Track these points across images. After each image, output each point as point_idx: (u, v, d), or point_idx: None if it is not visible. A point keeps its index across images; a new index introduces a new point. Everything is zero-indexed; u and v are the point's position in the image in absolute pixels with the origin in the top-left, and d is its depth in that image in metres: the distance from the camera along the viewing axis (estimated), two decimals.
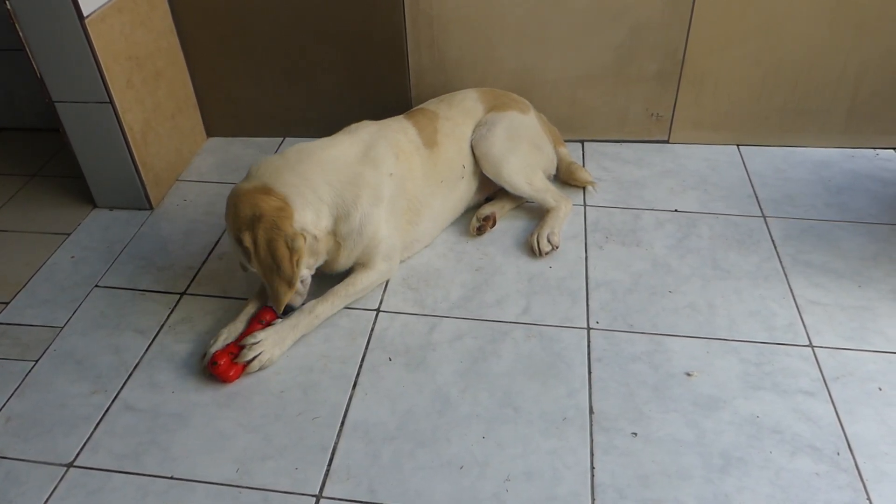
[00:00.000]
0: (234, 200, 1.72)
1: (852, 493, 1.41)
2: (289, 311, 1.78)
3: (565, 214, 2.13)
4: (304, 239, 1.70)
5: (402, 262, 2.01)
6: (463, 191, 2.14)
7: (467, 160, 2.12)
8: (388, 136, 1.94)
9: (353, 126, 1.99)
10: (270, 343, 1.73)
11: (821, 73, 2.33)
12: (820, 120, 2.43)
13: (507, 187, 2.12)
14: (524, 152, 2.13)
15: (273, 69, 2.51)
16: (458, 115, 2.13)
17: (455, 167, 2.09)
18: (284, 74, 2.51)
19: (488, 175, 2.12)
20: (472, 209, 2.19)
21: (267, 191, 1.70)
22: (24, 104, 2.79)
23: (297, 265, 1.68)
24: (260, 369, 1.72)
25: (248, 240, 1.66)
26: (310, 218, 1.73)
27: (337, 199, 1.78)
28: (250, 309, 1.84)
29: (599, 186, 2.31)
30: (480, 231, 2.12)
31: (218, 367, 1.67)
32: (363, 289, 1.88)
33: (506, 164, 2.09)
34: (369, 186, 1.82)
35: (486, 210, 2.15)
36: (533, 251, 2.04)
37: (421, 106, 2.19)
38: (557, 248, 2.04)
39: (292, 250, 1.66)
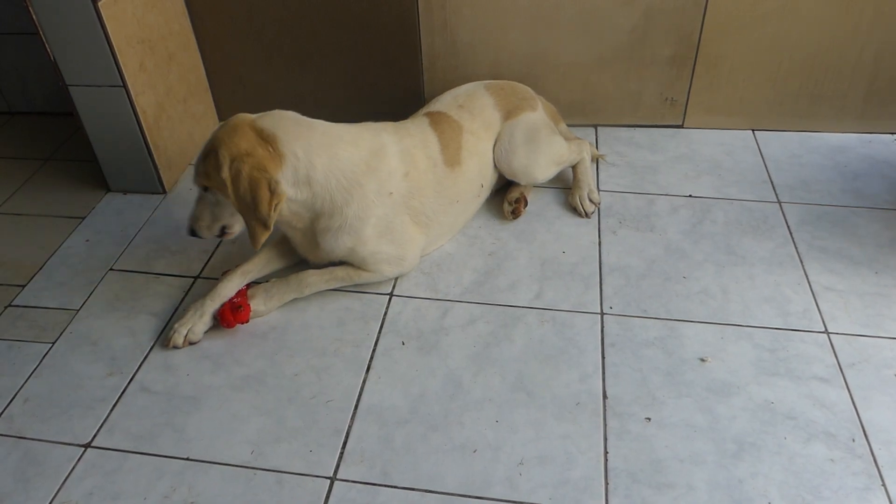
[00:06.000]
0: (237, 127, 1.67)
1: (867, 478, 1.41)
2: (195, 235, 1.82)
3: (590, 163, 2.26)
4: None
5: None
6: (477, 206, 2.14)
7: (487, 180, 2.10)
8: (404, 149, 1.87)
9: (376, 125, 1.91)
10: (260, 300, 1.83)
11: (837, 58, 2.30)
12: (836, 105, 2.40)
13: (544, 181, 2.17)
14: (546, 147, 2.11)
15: (285, 53, 2.50)
16: (481, 128, 2.06)
17: (474, 187, 2.05)
18: (296, 58, 2.50)
19: (524, 184, 2.15)
20: (498, 192, 2.19)
21: (273, 141, 1.67)
22: (36, 88, 2.80)
23: (275, 210, 1.66)
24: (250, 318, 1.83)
25: (228, 168, 1.62)
26: (290, 189, 1.70)
27: (325, 194, 1.74)
28: (226, 289, 1.84)
29: (607, 159, 2.37)
30: (515, 214, 2.12)
31: (224, 315, 1.78)
32: (361, 282, 1.90)
33: (536, 169, 2.10)
34: (363, 199, 1.77)
35: (515, 193, 2.14)
36: (577, 213, 2.14)
37: (440, 108, 2.06)
38: (599, 203, 2.16)
39: (273, 193, 1.64)
